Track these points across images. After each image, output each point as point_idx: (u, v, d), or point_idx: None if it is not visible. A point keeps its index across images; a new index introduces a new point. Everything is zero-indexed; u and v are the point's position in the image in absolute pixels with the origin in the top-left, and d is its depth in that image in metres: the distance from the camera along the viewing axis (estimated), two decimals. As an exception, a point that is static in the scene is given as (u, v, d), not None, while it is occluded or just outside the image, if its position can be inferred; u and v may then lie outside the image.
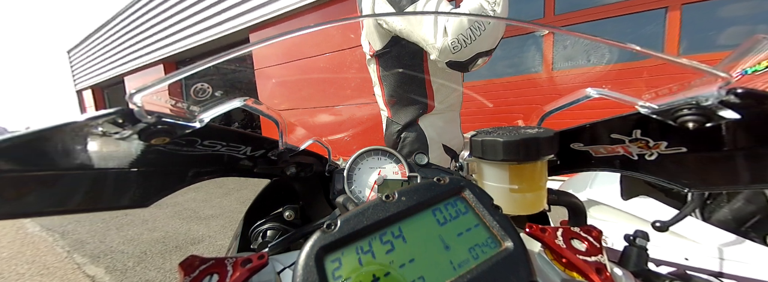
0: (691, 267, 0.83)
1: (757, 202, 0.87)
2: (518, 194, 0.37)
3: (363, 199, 0.50)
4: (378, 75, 1.07)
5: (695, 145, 0.30)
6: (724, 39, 2.44)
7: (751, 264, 0.77)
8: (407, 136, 1.04)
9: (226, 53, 0.29)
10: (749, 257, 0.78)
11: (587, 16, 2.86)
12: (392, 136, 1.08)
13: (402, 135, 1.05)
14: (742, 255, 0.79)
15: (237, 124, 7.11)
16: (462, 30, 0.74)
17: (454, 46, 0.75)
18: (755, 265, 0.76)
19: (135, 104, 0.24)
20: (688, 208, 0.79)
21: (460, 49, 0.75)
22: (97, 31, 9.36)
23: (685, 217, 0.77)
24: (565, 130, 0.38)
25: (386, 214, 0.25)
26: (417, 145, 1.02)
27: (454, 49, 0.76)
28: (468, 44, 0.75)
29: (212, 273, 0.26)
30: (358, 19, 0.38)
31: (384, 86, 1.07)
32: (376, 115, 1.23)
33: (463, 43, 0.75)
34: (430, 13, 0.96)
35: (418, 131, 1.03)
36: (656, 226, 0.76)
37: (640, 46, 0.28)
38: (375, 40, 0.99)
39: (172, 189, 0.36)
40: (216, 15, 5.32)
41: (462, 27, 0.74)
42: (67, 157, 0.26)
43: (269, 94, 5.11)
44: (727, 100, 0.24)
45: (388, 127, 1.11)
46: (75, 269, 2.18)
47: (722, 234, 0.84)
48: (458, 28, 0.74)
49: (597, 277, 0.25)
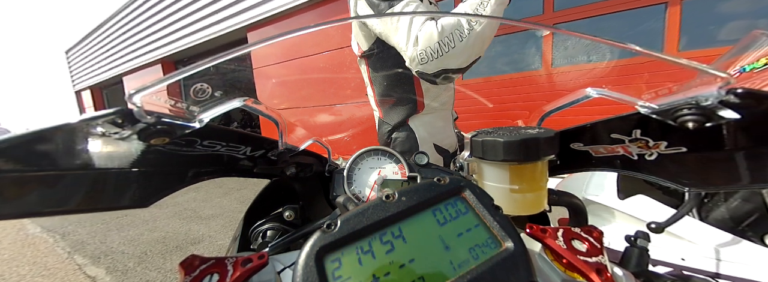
0: (687, 267, 0.82)
1: (755, 201, 0.87)
2: (518, 194, 0.37)
3: (363, 199, 0.50)
4: (368, 75, 1.07)
5: (695, 145, 0.30)
6: (725, 34, 2.43)
7: (749, 264, 0.76)
8: (398, 137, 1.04)
9: (224, 53, 0.29)
10: (747, 257, 0.77)
11: (587, 12, 2.85)
12: (383, 137, 1.08)
13: (393, 135, 1.05)
14: (740, 255, 0.78)
15: (236, 123, 7.11)
16: (431, 43, 0.73)
17: (421, 57, 0.75)
18: (753, 266, 0.75)
19: (134, 104, 0.24)
20: (684, 208, 0.78)
21: (427, 61, 0.75)
22: (95, 31, 9.34)
23: (682, 217, 0.76)
24: (565, 130, 0.38)
25: (386, 214, 0.25)
26: (408, 145, 1.02)
27: (421, 61, 0.76)
28: (434, 59, 0.74)
29: (212, 273, 0.26)
30: (357, 19, 0.38)
31: (374, 87, 1.07)
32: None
33: (430, 56, 0.74)
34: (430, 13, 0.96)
35: (409, 131, 1.02)
36: (652, 228, 0.75)
37: (640, 44, 0.28)
38: (362, 40, 1.00)
39: (172, 189, 0.36)
40: (213, 14, 5.31)
41: (432, 40, 0.73)
42: (67, 158, 0.26)
43: (269, 94, 5.11)
44: (727, 100, 0.24)
45: (380, 127, 1.11)
46: (76, 270, 2.18)
47: (719, 234, 0.83)
48: (428, 40, 0.74)
49: (597, 278, 0.25)
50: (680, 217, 0.76)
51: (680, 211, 0.77)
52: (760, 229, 0.83)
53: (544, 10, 3.07)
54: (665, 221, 0.75)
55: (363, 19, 0.86)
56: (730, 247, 0.80)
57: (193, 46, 6.05)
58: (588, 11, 2.84)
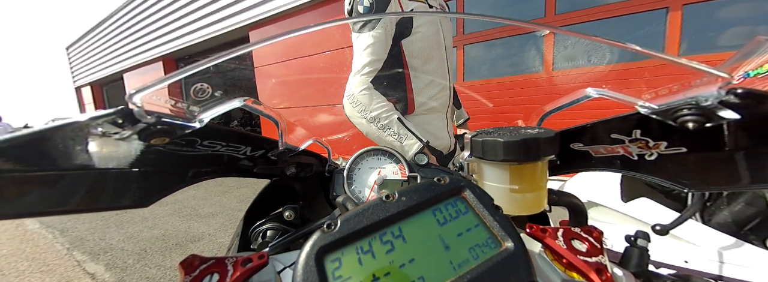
0: (690, 270, 0.83)
1: (757, 204, 0.87)
2: (519, 194, 0.37)
3: (363, 199, 0.50)
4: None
5: (695, 145, 0.30)
6: (725, 40, 2.44)
7: (751, 267, 0.76)
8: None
9: (225, 53, 0.29)
10: (749, 260, 0.77)
11: (588, 16, 2.86)
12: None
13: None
14: (742, 258, 0.78)
15: (236, 122, 7.11)
16: (353, 98, 0.88)
17: (349, 94, 0.90)
18: (755, 269, 0.76)
19: (134, 104, 0.24)
20: (688, 211, 0.78)
21: (349, 99, 0.90)
22: (96, 28, 9.33)
23: (686, 220, 0.76)
24: (565, 130, 0.38)
25: (386, 214, 0.25)
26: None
27: (349, 98, 0.90)
28: (349, 103, 0.90)
29: (212, 272, 0.26)
30: (357, 19, 0.38)
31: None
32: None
33: (351, 100, 0.89)
34: (430, 14, 0.96)
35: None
36: (656, 230, 0.75)
37: (641, 47, 0.28)
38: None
39: (171, 189, 0.36)
40: (216, 12, 5.30)
41: (353, 96, 0.88)
42: (68, 157, 0.26)
43: (269, 93, 5.11)
44: (727, 100, 0.24)
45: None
46: (75, 266, 2.18)
47: (722, 237, 0.84)
48: (349, 95, 0.89)
49: (597, 278, 0.25)
50: (684, 219, 0.76)
51: (684, 213, 0.77)
52: (762, 233, 0.83)
53: (545, 14, 3.08)
54: (669, 223, 0.75)
55: (363, 19, 0.86)
56: (733, 250, 0.81)
57: (194, 44, 6.04)
58: (589, 15, 2.85)
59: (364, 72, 0.88)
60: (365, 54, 0.87)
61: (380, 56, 0.88)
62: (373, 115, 0.86)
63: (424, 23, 0.92)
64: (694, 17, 2.47)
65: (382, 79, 0.98)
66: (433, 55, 0.96)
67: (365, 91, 0.87)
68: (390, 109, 0.87)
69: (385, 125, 0.86)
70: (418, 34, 0.92)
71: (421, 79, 0.98)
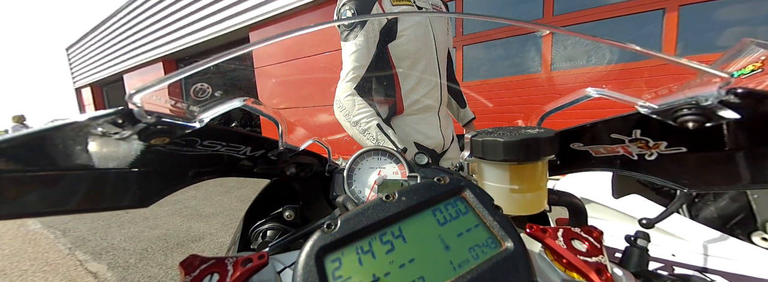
0: (678, 262, 0.85)
1: (740, 200, 0.90)
2: (518, 194, 0.37)
3: (363, 199, 0.50)
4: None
5: (695, 145, 0.30)
6: (721, 40, 2.46)
7: (736, 260, 0.79)
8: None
9: (225, 53, 0.29)
10: (734, 254, 0.80)
11: (586, 17, 2.87)
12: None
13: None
14: (727, 251, 0.81)
15: (236, 122, 7.11)
16: (339, 103, 0.94)
17: (337, 100, 0.95)
18: (740, 262, 0.79)
19: (134, 104, 0.25)
20: (674, 205, 0.81)
21: (338, 103, 0.95)
22: (96, 28, 9.33)
23: (671, 214, 0.79)
24: (565, 130, 0.38)
25: (386, 214, 0.25)
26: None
27: (337, 103, 0.96)
28: (336, 108, 0.95)
29: (213, 272, 0.26)
30: (356, 19, 0.38)
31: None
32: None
33: (336, 108, 0.95)
34: (430, 14, 0.96)
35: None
36: (643, 223, 0.77)
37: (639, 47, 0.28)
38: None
39: (172, 189, 0.36)
40: (216, 13, 5.30)
41: (339, 101, 0.94)
42: (68, 158, 0.26)
43: (269, 93, 5.11)
44: (727, 100, 0.24)
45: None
46: (77, 266, 2.19)
47: (708, 231, 0.86)
48: (336, 101, 0.95)
49: (597, 278, 0.25)
50: (670, 213, 0.79)
51: (670, 207, 0.80)
52: (746, 228, 0.87)
53: (543, 15, 3.09)
54: (656, 217, 0.77)
55: (362, 19, 0.87)
56: (718, 244, 0.84)
57: (194, 45, 6.04)
58: (587, 16, 2.86)
59: (348, 78, 0.92)
60: (349, 61, 0.92)
61: (362, 63, 0.92)
62: (355, 120, 0.90)
63: (410, 26, 0.94)
64: (691, 18, 2.49)
65: (371, 82, 1.00)
66: (421, 56, 0.97)
67: (350, 96, 0.92)
68: (371, 115, 0.90)
69: (365, 130, 0.89)
70: (404, 37, 0.94)
71: (409, 81, 0.99)
